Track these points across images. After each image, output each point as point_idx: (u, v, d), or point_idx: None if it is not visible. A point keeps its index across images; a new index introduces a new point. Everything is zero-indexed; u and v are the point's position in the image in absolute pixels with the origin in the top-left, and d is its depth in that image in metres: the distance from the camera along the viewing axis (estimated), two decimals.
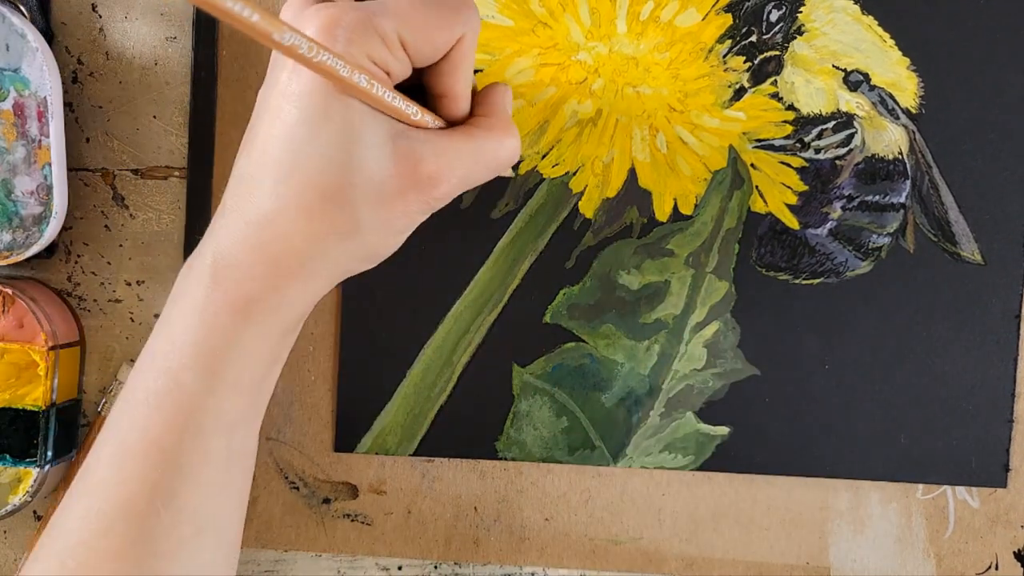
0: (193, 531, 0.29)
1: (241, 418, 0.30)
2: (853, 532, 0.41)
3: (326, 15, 0.28)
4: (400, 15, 0.29)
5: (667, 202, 0.40)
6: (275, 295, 0.29)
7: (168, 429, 0.29)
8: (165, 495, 0.29)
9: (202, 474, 0.29)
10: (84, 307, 0.41)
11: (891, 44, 0.40)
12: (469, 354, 0.41)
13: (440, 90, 0.31)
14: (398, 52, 0.29)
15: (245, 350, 0.29)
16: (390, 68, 0.29)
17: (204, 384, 0.29)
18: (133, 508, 0.28)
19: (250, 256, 0.29)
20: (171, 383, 0.29)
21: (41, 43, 0.37)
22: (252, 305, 0.29)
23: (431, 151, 0.30)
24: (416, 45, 0.29)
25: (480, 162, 0.31)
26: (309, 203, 0.28)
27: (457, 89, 0.31)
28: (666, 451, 0.41)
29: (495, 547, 0.41)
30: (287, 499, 0.41)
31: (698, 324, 0.40)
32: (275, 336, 0.30)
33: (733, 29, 0.40)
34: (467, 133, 0.31)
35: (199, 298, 0.29)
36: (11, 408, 0.39)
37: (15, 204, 0.38)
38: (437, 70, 0.31)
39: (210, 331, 0.29)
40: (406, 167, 0.29)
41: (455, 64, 0.31)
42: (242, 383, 0.30)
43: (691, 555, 0.41)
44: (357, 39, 0.28)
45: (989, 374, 0.40)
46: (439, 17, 0.29)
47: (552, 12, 0.40)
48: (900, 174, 0.40)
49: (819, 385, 0.40)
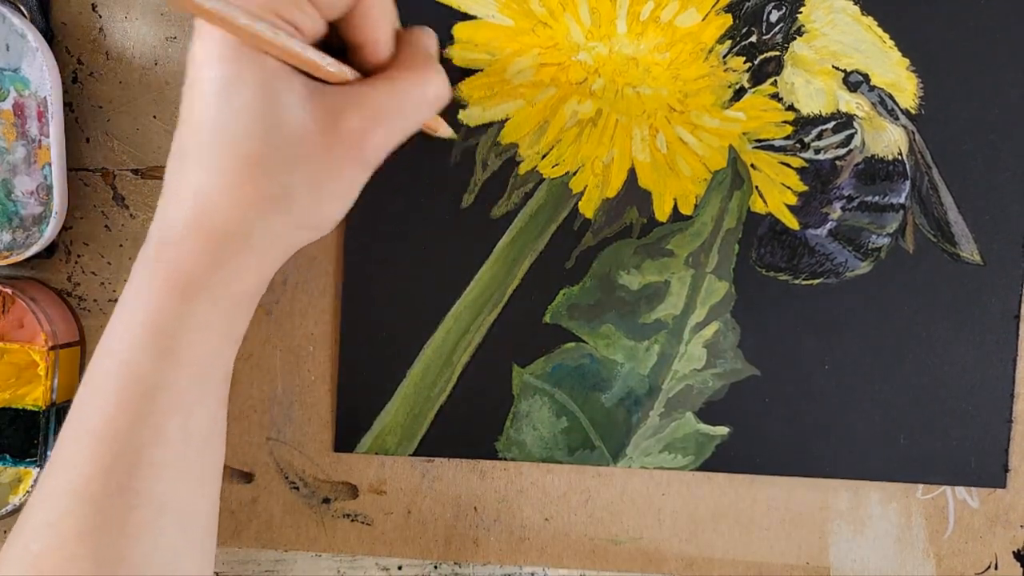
0: (153, 514, 0.29)
1: (197, 398, 0.30)
2: (853, 532, 0.41)
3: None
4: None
5: (667, 202, 0.40)
6: (217, 270, 0.29)
7: (121, 411, 0.29)
8: (119, 477, 0.28)
9: (156, 455, 0.29)
10: (84, 307, 0.41)
11: (891, 45, 0.40)
12: (469, 354, 0.41)
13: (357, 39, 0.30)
14: (306, 6, 0.28)
15: (193, 327, 0.29)
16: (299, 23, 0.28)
17: (155, 364, 0.29)
18: (88, 490, 0.28)
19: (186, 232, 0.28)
20: (123, 365, 0.29)
21: (41, 43, 0.37)
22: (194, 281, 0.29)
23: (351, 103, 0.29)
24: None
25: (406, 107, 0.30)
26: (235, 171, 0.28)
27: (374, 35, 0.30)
28: (666, 451, 0.41)
29: (495, 547, 0.41)
30: (287, 499, 0.41)
31: (698, 324, 0.41)
32: (224, 312, 0.30)
33: (733, 29, 0.40)
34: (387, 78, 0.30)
35: (144, 279, 0.29)
36: (11, 408, 0.39)
37: (15, 204, 0.38)
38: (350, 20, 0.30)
39: (157, 311, 0.29)
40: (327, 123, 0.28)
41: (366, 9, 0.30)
42: (194, 361, 0.29)
43: (691, 555, 0.41)
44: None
45: (988, 374, 0.40)
46: None
47: (552, 12, 0.40)
48: (900, 174, 0.40)
49: (819, 385, 0.40)
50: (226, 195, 0.28)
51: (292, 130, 0.28)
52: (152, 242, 0.29)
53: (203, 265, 0.29)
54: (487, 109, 0.40)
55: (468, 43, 0.40)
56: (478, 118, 0.40)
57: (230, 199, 0.28)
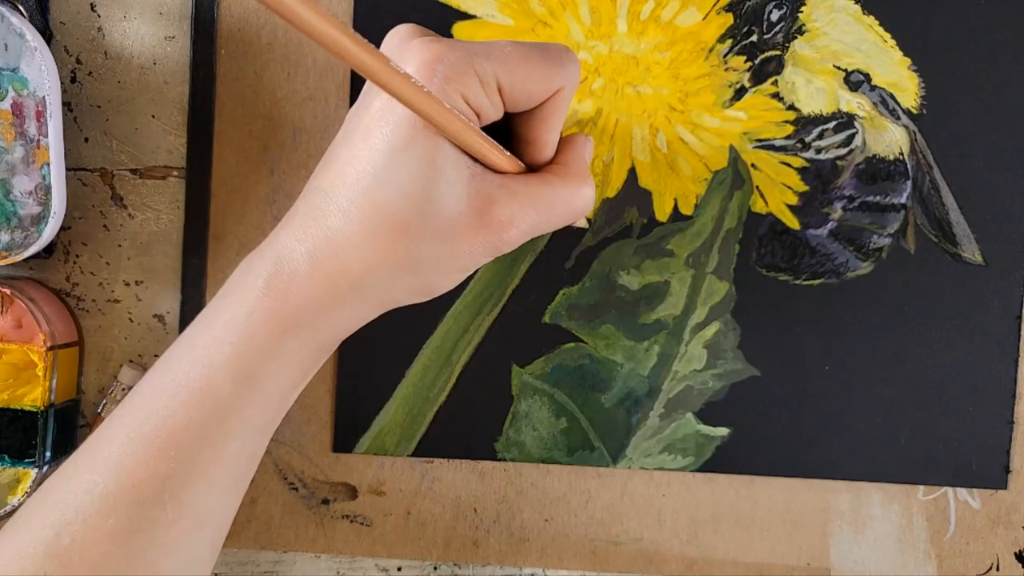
0: (194, 526, 0.29)
1: (261, 427, 0.30)
2: (854, 533, 0.41)
3: (429, 52, 0.28)
4: (503, 61, 0.29)
5: (667, 202, 0.40)
6: (323, 313, 0.29)
7: (188, 425, 0.29)
8: (174, 489, 0.29)
9: (213, 473, 0.29)
10: (83, 307, 0.41)
11: (892, 44, 0.40)
12: (468, 354, 0.41)
13: (528, 136, 0.31)
14: (494, 96, 0.29)
15: (282, 362, 0.29)
16: (482, 110, 0.29)
17: (234, 389, 0.29)
18: (140, 495, 0.28)
19: (307, 269, 0.29)
20: (202, 380, 0.29)
21: (40, 42, 0.37)
22: (299, 319, 0.29)
23: (506, 195, 0.29)
24: (513, 92, 0.29)
25: (553, 210, 0.31)
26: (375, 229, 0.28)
27: (545, 138, 0.31)
28: (666, 452, 0.41)
29: (495, 548, 0.41)
30: (286, 500, 0.41)
31: (698, 325, 0.40)
32: (313, 352, 0.30)
33: (734, 29, 0.39)
34: (544, 180, 0.31)
35: (249, 300, 0.29)
36: (9, 408, 0.39)
37: (13, 204, 0.38)
38: (528, 116, 0.31)
39: (251, 337, 0.29)
40: (479, 208, 0.29)
41: (548, 114, 0.31)
42: (272, 393, 0.30)
43: (691, 556, 0.41)
44: (455, 78, 0.28)
45: (990, 375, 0.40)
46: (542, 68, 0.29)
47: (552, 11, 0.40)
48: (901, 174, 0.40)
49: (819, 386, 0.40)
50: (360, 250, 0.28)
51: (446, 209, 0.28)
52: (266, 265, 0.29)
53: (313, 306, 0.29)
54: None
55: None
56: None
57: (363, 255, 0.28)
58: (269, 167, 0.41)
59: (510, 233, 0.29)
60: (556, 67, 0.30)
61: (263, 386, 0.29)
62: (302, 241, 0.29)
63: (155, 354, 0.41)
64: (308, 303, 0.29)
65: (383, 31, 0.41)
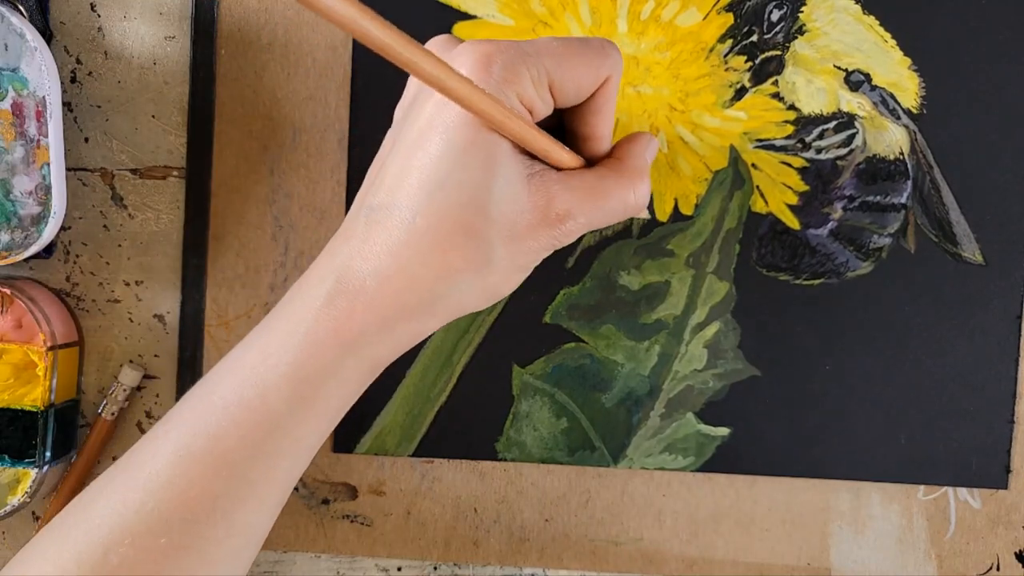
0: (243, 543, 0.29)
1: (312, 446, 0.30)
2: (854, 533, 0.41)
3: (482, 51, 0.28)
4: (551, 56, 0.29)
5: (667, 202, 0.40)
6: (385, 331, 0.29)
7: (241, 444, 0.28)
8: (226, 507, 0.28)
9: (263, 492, 0.29)
10: (83, 307, 0.41)
11: (892, 44, 0.39)
12: (469, 354, 0.41)
13: (582, 131, 0.31)
14: (544, 93, 0.29)
15: (337, 382, 0.29)
16: (535, 107, 0.29)
17: (291, 408, 0.28)
18: (192, 514, 0.28)
19: (374, 288, 0.28)
20: (256, 399, 0.28)
21: (40, 42, 0.37)
22: (360, 338, 0.28)
23: (564, 189, 0.29)
24: (563, 86, 0.29)
25: (612, 204, 0.31)
26: (446, 236, 0.28)
27: (600, 131, 0.31)
28: (666, 452, 0.41)
29: (495, 548, 0.41)
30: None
31: (698, 325, 0.40)
32: (368, 371, 0.30)
33: (734, 29, 0.39)
34: (600, 175, 0.31)
35: (307, 318, 0.28)
36: (9, 408, 0.39)
37: (13, 204, 0.38)
38: (580, 111, 0.31)
39: (310, 357, 0.28)
40: (540, 204, 0.29)
41: (599, 106, 0.31)
42: (325, 414, 0.29)
43: (692, 556, 0.41)
44: (510, 77, 0.28)
45: (990, 375, 0.40)
46: (587, 59, 0.30)
47: (552, 11, 0.40)
48: (901, 174, 0.40)
49: (820, 386, 0.40)
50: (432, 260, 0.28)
51: (510, 207, 0.28)
52: (328, 282, 0.28)
53: (375, 326, 0.28)
54: None
55: None
56: None
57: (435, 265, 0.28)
58: (269, 167, 0.41)
59: (568, 226, 0.29)
60: (601, 56, 0.30)
61: (318, 405, 0.29)
62: (367, 259, 0.28)
63: (155, 354, 0.41)
64: (372, 322, 0.28)
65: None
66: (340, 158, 0.40)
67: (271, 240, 0.41)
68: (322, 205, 0.41)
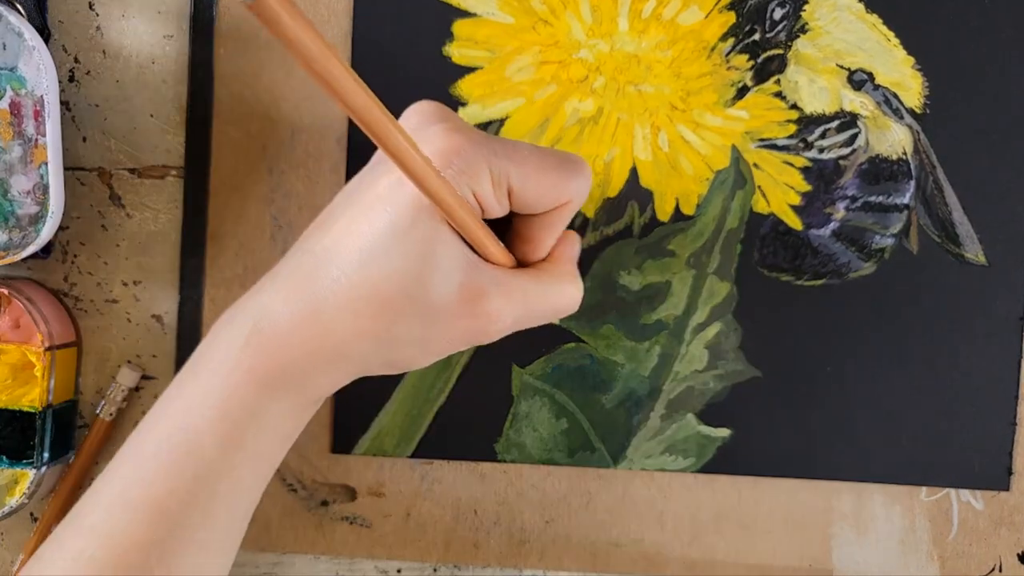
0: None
1: (251, 486, 0.30)
2: (856, 534, 0.41)
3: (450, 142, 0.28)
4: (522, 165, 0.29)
5: (669, 202, 0.40)
6: (303, 376, 0.29)
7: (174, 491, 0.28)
8: (161, 554, 0.28)
9: (202, 538, 0.29)
10: (81, 307, 0.41)
11: (896, 43, 0.39)
12: (468, 355, 0.40)
13: (527, 235, 0.32)
14: (502, 196, 0.30)
15: (266, 424, 0.29)
16: (487, 206, 0.29)
17: (220, 451, 0.29)
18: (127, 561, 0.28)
19: (291, 330, 0.29)
20: (187, 445, 0.29)
21: (38, 41, 0.37)
22: (280, 380, 0.29)
23: (497, 286, 0.30)
24: (523, 195, 0.30)
25: (540, 306, 0.31)
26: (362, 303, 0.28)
27: (545, 241, 0.32)
28: (667, 453, 0.40)
29: (495, 550, 0.41)
30: (285, 502, 0.41)
31: (699, 325, 0.40)
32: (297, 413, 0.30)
33: (736, 27, 0.39)
34: (535, 277, 0.31)
35: (230, 360, 0.29)
36: (7, 409, 0.39)
37: (11, 204, 0.38)
38: (531, 218, 0.31)
39: (234, 399, 0.29)
40: (469, 299, 0.29)
41: (551, 221, 0.31)
42: (258, 455, 0.30)
43: (693, 558, 0.41)
44: (470, 172, 0.28)
45: (993, 376, 0.40)
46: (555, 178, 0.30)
47: (553, 9, 0.39)
48: (904, 174, 0.40)
49: (821, 387, 0.40)
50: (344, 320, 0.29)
51: (436, 295, 0.29)
52: (247, 322, 0.29)
53: (297, 368, 0.29)
54: (487, 107, 0.40)
55: (468, 40, 0.39)
56: (477, 116, 0.40)
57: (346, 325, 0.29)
58: (268, 166, 0.40)
59: (494, 326, 0.30)
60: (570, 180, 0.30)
61: (250, 447, 0.29)
62: (287, 303, 0.29)
63: (153, 354, 0.41)
64: (292, 367, 0.29)
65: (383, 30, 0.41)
66: (339, 158, 0.40)
67: (270, 240, 0.41)
68: (321, 205, 0.40)
